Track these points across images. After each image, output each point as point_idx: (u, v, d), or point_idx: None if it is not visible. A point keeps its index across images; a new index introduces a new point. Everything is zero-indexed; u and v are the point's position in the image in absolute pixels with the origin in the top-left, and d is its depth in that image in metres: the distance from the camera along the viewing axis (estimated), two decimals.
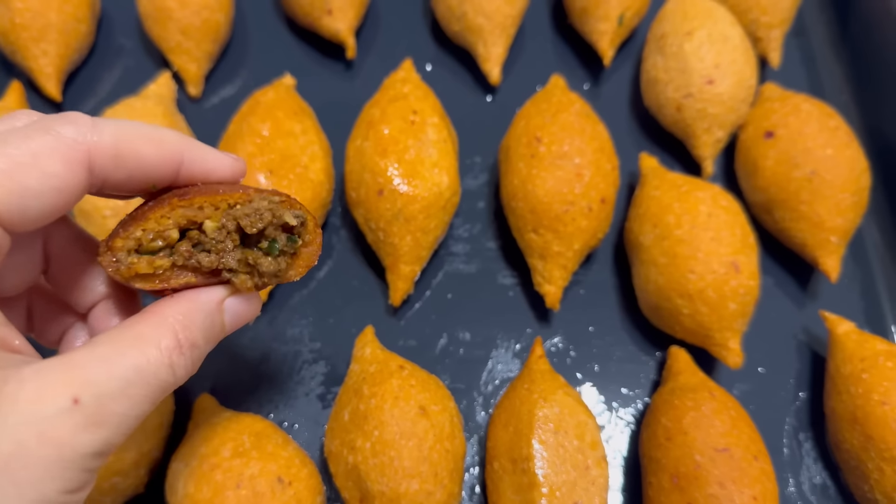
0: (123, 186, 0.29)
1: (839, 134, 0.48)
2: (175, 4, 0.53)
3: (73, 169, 0.26)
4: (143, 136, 0.28)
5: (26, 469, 0.24)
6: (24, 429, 0.24)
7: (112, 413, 0.26)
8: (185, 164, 0.30)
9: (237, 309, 0.31)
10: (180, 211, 0.28)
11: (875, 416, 0.41)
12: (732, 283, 0.43)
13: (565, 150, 0.46)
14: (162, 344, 0.27)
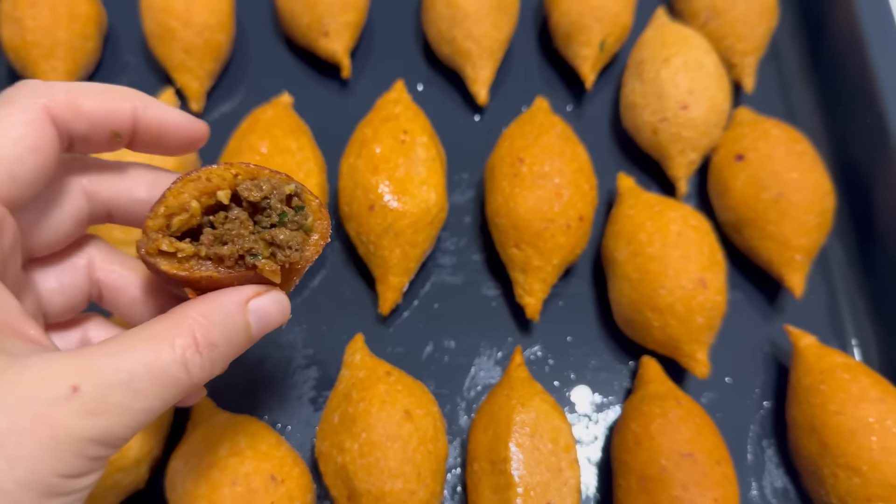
0: (90, 138, 0.31)
1: (805, 158, 0.51)
2: (179, 25, 0.56)
3: (38, 126, 0.28)
4: (95, 88, 0.31)
5: (18, 447, 0.25)
6: (19, 408, 0.25)
7: (113, 404, 0.26)
8: (138, 110, 0.31)
9: (263, 309, 0.31)
10: (191, 185, 0.30)
11: (831, 426, 0.44)
12: (700, 299, 0.46)
13: (546, 171, 0.49)
14: (176, 342, 0.28)
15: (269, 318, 0.31)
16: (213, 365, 0.29)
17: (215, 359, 0.29)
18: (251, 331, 0.31)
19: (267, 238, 0.30)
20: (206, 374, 0.29)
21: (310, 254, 0.32)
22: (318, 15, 0.56)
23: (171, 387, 0.28)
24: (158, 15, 0.56)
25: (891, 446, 0.42)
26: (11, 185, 0.28)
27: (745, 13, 0.57)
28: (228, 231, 0.30)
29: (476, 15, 0.56)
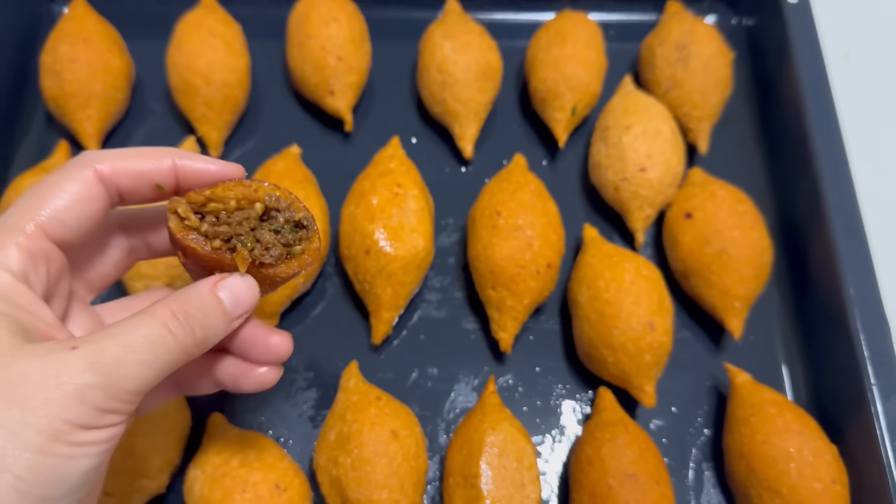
0: (136, 191, 0.37)
1: (746, 218, 0.58)
2: (201, 82, 0.63)
3: (86, 183, 0.35)
4: (138, 151, 0.37)
5: (29, 396, 0.29)
6: (29, 366, 0.29)
7: (110, 356, 0.30)
8: (177, 164, 0.37)
9: (231, 286, 0.36)
10: (240, 188, 0.37)
11: (757, 453, 0.51)
12: (648, 339, 0.53)
13: (520, 224, 0.56)
14: (157, 313, 0.33)
15: (240, 294, 0.36)
16: (195, 330, 0.34)
17: (194, 324, 0.34)
18: (225, 305, 0.36)
19: (255, 235, 0.36)
20: (189, 337, 0.34)
21: (283, 270, 0.37)
22: (325, 76, 0.64)
23: (159, 345, 0.32)
24: (183, 72, 0.63)
25: (806, 472, 0.49)
26: (60, 229, 0.34)
27: (702, 84, 0.64)
28: (233, 220, 0.36)
29: (464, 81, 0.63)
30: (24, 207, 0.34)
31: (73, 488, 0.30)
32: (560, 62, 0.63)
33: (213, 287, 0.36)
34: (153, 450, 0.51)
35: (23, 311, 0.32)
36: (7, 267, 0.32)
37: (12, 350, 0.30)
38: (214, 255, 0.36)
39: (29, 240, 0.33)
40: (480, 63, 0.63)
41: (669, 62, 0.65)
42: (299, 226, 0.38)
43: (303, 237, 0.38)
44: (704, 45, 0.65)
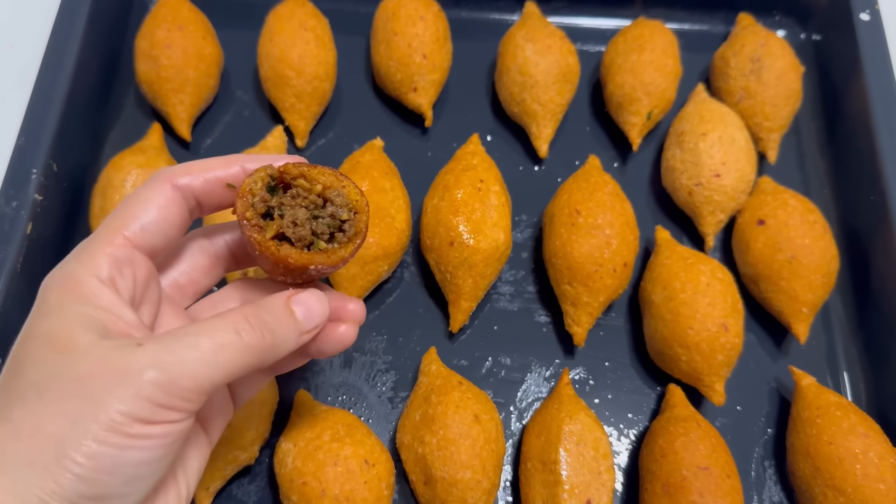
0: (210, 194, 0.38)
1: (816, 227, 0.60)
2: (293, 74, 0.65)
3: (164, 192, 0.37)
4: (209, 160, 0.39)
5: (93, 389, 0.30)
6: (96, 361, 0.31)
7: (171, 353, 0.31)
8: (246, 166, 0.39)
9: (302, 299, 0.38)
10: (332, 178, 0.39)
11: (823, 453, 0.53)
12: (721, 340, 0.55)
13: (599, 223, 0.58)
14: (230, 317, 0.34)
15: (312, 308, 0.38)
16: (265, 336, 0.35)
17: (265, 331, 0.35)
18: (297, 317, 0.37)
19: (311, 223, 0.38)
20: (258, 342, 0.34)
21: (334, 254, 0.38)
22: (410, 73, 0.66)
23: (225, 346, 0.33)
24: (275, 64, 0.65)
25: (871, 473, 0.51)
26: (144, 235, 0.36)
27: (774, 96, 0.66)
28: (291, 202, 0.38)
29: (544, 83, 0.65)
30: (112, 221, 0.36)
31: (131, 478, 0.31)
32: (638, 68, 0.66)
33: (286, 300, 0.37)
34: (247, 423, 0.53)
35: (105, 312, 0.33)
36: (96, 273, 0.34)
37: (87, 346, 0.31)
38: (267, 246, 0.37)
39: (115, 248, 0.35)
40: (561, 66, 0.66)
41: (743, 73, 0.67)
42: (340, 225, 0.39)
43: (339, 239, 0.39)
44: (778, 58, 0.67)
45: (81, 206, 0.65)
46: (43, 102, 0.63)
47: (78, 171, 0.65)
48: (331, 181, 0.39)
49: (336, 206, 0.38)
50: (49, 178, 0.61)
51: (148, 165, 0.61)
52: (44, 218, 0.60)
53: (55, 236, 0.62)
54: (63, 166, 0.62)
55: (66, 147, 0.63)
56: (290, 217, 0.37)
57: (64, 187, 0.63)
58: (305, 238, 0.37)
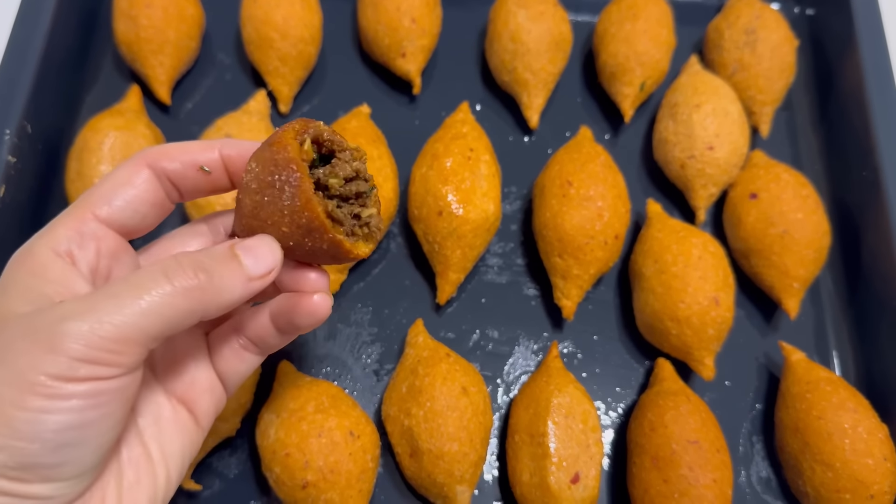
0: (184, 175, 0.37)
1: (809, 202, 0.59)
2: (277, 36, 0.63)
3: (135, 169, 0.36)
4: (184, 142, 0.38)
5: (12, 352, 0.29)
6: (16, 327, 0.30)
7: (91, 304, 0.29)
8: (223, 148, 0.37)
9: (249, 245, 0.34)
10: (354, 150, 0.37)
11: (812, 428, 0.52)
12: (712, 314, 0.55)
13: (590, 195, 0.57)
14: (164, 263, 0.32)
15: (259, 251, 0.34)
16: (198, 274, 0.32)
17: (198, 269, 0.32)
18: (242, 262, 0.34)
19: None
20: (189, 281, 0.32)
21: (357, 248, 0.36)
22: (398, 38, 0.64)
23: (151, 290, 0.30)
24: (259, 25, 0.63)
25: (860, 448, 0.51)
26: (109, 210, 0.35)
27: (768, 69, 0.65)
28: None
29: (536, 50, 0.64)
30: (83, 199, 0.35)
31: (58, 445, 0.29)
32: (632, 38, 0.64)
33: (230, 245, 0.35)
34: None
35: (52, 284, 0.32)
36: (53, 246, 0.33)
37: (17, 317, 0.30)
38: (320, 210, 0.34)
39: (80, 223, 0.34)
40: (553, 33, 0.64)
41: (737, 45, 0.66)
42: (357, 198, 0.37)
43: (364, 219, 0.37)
44: (772, 30, 0.66)
45: (57, 169, 0.63)
46: (16, 62, 0.60)
47: (53, 134, 0.63)
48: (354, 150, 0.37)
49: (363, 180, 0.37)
50: (23, 140, 0.58)
51: (126, 128, 0.59)
52: (17, 181, 0.58)
53: (29, 200, 0.60)
54: (38, 128, 0.60)
55: (40, 108, 0.61)
56: (338, 186, 0.35)
57: (39, 150, 0.61)
58: (346, 214, 0.36)
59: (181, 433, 0.37)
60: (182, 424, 0.38)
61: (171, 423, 0.37)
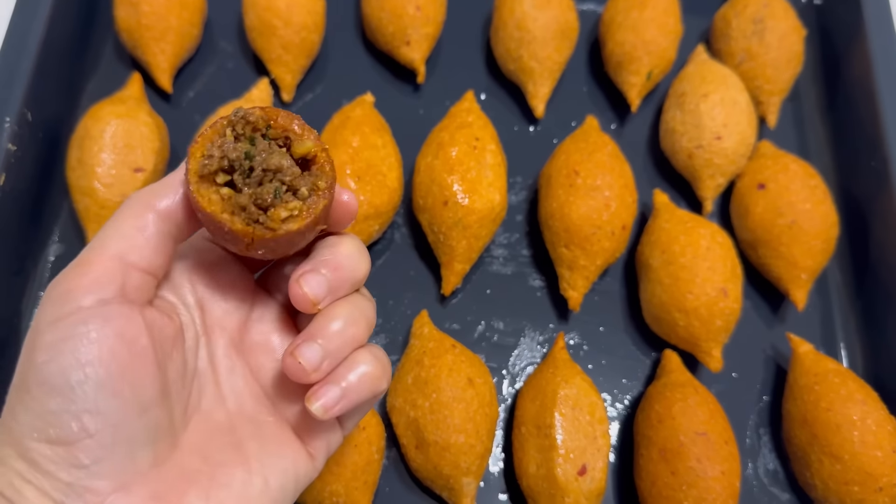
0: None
1: (817, 192, 0.59)
2: (280, 23, 0.62)
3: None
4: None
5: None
6: None
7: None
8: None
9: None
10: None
11: (821, 420, 0.52)
12: (720, 305, 0.54)
13: (598, 184, 0.57)
14: None
15: (173, 216, 0.32)
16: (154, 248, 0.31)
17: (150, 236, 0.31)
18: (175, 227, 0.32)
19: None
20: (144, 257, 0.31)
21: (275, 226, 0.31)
22: (402, 26, 0.63)
23: (114, 219, 0.31)
24: (262, 12, 0.63)
25: (869, 441, 0.51)
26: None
27: (775, 59, 0.64)
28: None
29: (542, 39, 0.63)
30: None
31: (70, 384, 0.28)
32: (639, 26, 0.64)
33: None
34: None
35: None
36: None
37: None
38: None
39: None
40: (560, 21, 0.64)
41: (745, 34, 0.65)
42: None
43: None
44: (780, 20, 0.65)
45: (57, 157, 0.62)
46: (16, 49, 0.59)
47: (54, 122, 0.62)
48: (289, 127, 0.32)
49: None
50: (23, 128, 0.58)
51: (128, 116, 0.58)
52: (18, 169, 0.57)
53: (30, 188, 0.59)
54: (38, 116, 0.59)
55: (41, 96, 0.60)
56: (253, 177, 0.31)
57: (39, 138, 0.60)
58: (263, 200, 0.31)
59: (290, 448, 0.35)
60: (288, 440, 0.35)
61: (274, 434, 0.35)
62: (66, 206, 0.61)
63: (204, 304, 0.36)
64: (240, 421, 0.34)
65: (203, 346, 0.35)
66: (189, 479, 0.31)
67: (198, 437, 0.33)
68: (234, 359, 0.36)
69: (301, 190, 0.31)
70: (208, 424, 0.34)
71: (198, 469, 0.31)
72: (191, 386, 0.34)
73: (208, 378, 0.35)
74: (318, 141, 0.32)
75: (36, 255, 0.60)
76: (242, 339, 0.37)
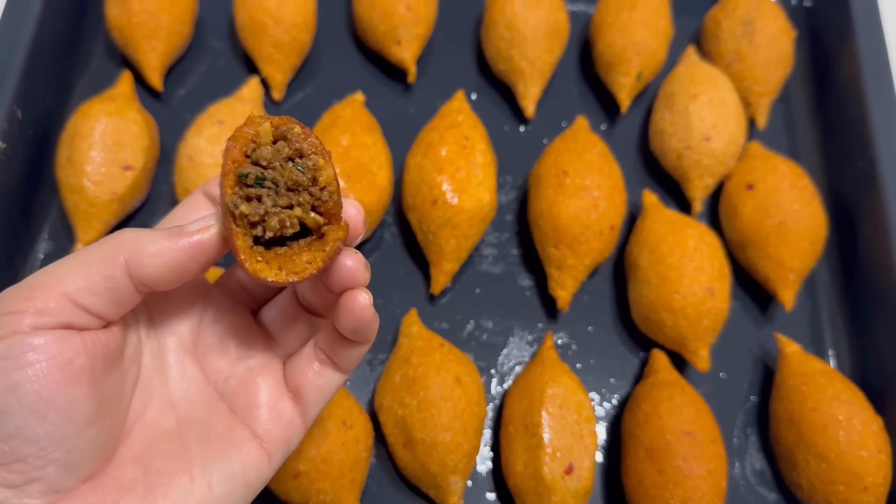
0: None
1: (805, 193, 0.59)
2: (271, 22, 0.62)
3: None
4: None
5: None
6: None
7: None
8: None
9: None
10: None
11: (807, 420, 0.52)
12: (708, 305, 0.54)
13: (586, 184, 0.57)
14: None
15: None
16: (125, 231, 0.31)
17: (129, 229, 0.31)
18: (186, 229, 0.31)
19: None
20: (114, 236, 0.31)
21: (297, 265, 0.31)
22: (393, 25, 0.64)
23: (85, 252, 0.30)
24: (252, 11, 0.63)
25: (854, 440, 0.51)
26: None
27: (765, 60, 0.65)
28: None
29: (533, 39, 0.63)
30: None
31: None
32: (629, 27, 0.64)
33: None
34: None
35: None
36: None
37: None
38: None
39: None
40: (550, 22, 0.64)
41: (735, 36, 0.65)
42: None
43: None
44: (770, 21, 0.65)
45: (47, 154, 0.62)
46: (7, 46, 0.59)
47: (44, 119, 0.62)
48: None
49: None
50: (13, 125, 0.58)
51: (118, 114, 0.58)
52: (7, 166, 0.57)
53: (20, 185, 0.59)
54: (28, 113, 0.59)
55: (31, 93, 0.60)
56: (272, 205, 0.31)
57: (29, 135, 0.60)
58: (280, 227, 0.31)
59: (236, 449, 0.34)
60: (237, 439, 0.34)
61: (219, 432, 0.34)
62: (55, 203, 0.61)
63: (152, 311, 0.35)
64: (189, 426, 0.34)
65: (149, 354, 0.35)
66: (125, 489, 0.30)
67: (139, 446, 0.32)
68: (187, 363, 0.35)
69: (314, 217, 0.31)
70: (153, 431, 0.33)
71: (134, 479, 0.31)
72: (132, 396, 0.33)
73: (156, 385, 0.34)
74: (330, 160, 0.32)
75: (25, 251, 0.60)
76: (196, 342, 0.36)
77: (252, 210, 0.30)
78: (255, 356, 0.36)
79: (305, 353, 0.36)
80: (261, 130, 0.31)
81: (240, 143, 0.30)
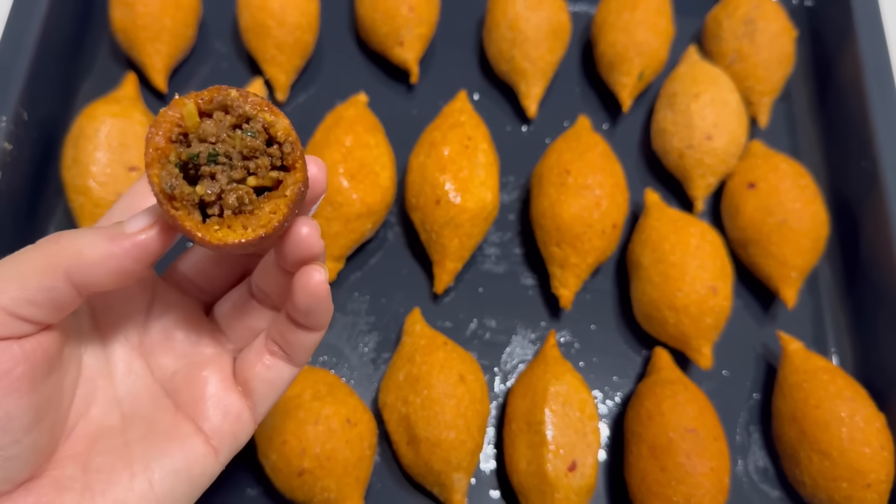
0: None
1: (807, 191, 0.59)
2: (274, 23, 0.63)
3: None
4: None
5: None
6: None
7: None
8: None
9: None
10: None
11: (810, 417, 0.52)
12: (710, 303, 0.55)
13: (589, 183, 0.57)
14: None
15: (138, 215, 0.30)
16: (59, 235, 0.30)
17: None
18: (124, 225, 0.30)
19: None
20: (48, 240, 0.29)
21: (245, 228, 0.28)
22: (396, 26, 0.64)
23: (21, 260, 0.29)
24: (256, 13, 0.63)
25: (857, 437, 0.51)
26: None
27: (766, 59, 0.65)
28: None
29: (535, 39, 0.64)
30: None
31: None
32: (630, 27, 0.64)
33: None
34: None
35: None
36: None
37: None
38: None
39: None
40: (552, 22, 0.64)
41: (736, 35, 0.66)
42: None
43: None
44: (771, 20, 0.65)
45: (53, 156, 0.62)
46: (12, 49, 0.60)
47: (49, 121, 0.62)
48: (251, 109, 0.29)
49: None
50: (19, 127, 0.58)
51: (122, 115, 0.58)
52: (13, 168, 0.58)
53: (25, 187, 0.59)
54: (34, 115, 0.60)
55: (36, 95, 0.60)
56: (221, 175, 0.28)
57: (35, 137, 0.60)
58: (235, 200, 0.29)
59: (179, 445, 0.33)
60: (181, 434, 0.33)
61: (162, 428, 0.33)
62: (61, 204, 0.62)
63: (95, 309, 0.34)
64: (133, 423, 0.33)
65: (93, 352, 0.34)
66: (62, 488, 0.30)
67: (80, 445, 0.32)
68: (133, 360, 0.35)
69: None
70: (95, 429, 0.33)
71: (73, 477, 0.30)
72: (73, 395, 0.33)
73: (100, 383, 0.34)
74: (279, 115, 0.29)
75: None
76: (142, 339, 0.35)
77: (207, 189, 0.28)
78: (204, 351, 0.36)
79: (256, 345, 0.35)
80: (185, 112, 0.28)
81: (163, 129, 0.28)
